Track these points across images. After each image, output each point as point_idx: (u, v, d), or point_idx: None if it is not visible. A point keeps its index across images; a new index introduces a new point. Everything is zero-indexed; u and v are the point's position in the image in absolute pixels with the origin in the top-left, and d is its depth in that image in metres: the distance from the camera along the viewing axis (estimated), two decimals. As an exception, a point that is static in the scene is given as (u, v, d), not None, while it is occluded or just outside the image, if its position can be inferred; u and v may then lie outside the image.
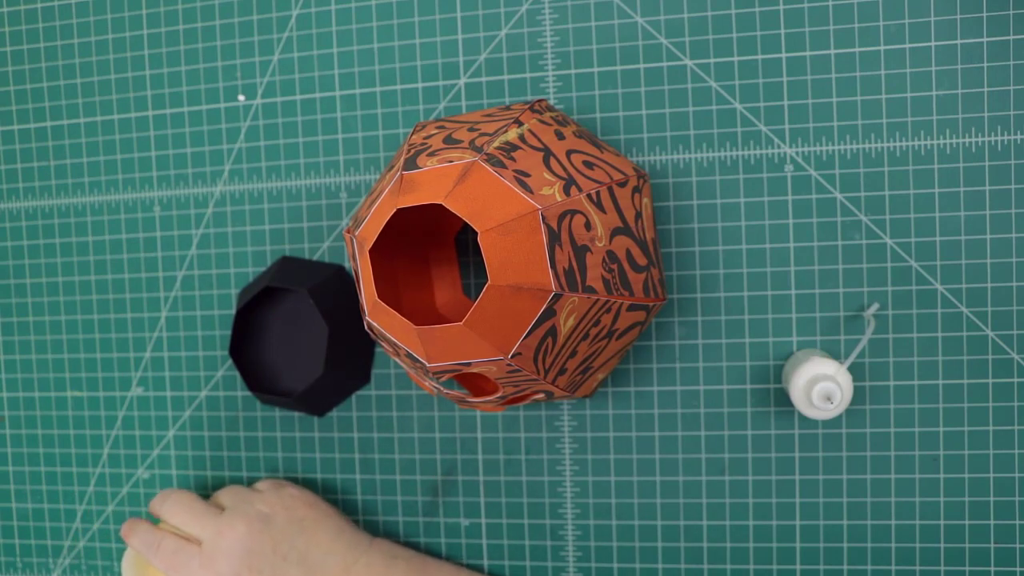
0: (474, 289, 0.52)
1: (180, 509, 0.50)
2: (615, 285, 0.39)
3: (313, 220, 0.53)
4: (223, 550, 0.48)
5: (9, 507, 0.60)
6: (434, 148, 0.40)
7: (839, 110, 0.47)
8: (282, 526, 0.49)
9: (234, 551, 0.48)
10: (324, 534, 0.50)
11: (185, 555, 0.48)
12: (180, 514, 0.50)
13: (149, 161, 0.56)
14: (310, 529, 0.50)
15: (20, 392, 0.59)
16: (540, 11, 0.50)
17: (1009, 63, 0.45)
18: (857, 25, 0.46)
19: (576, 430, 0.51)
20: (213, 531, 0.48)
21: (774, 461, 0.49)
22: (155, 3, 0.55)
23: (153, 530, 0.49)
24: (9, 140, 0.58)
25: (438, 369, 0.40)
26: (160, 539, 0.49)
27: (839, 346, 0.48)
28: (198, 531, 0.49)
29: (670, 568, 0.51)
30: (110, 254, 0.57)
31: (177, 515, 0.50)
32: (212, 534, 0.48)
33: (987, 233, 0.46)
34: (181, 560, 0.48)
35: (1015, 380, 0.46)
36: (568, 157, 0.40)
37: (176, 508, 0.50)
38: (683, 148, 0.49)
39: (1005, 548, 0.47)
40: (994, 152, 0.46)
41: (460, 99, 0.51)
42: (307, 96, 0.53)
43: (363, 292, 0.41)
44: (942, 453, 0.47)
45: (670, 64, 0.48)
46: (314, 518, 0.50)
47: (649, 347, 0.50)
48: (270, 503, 0.50)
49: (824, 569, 0.49)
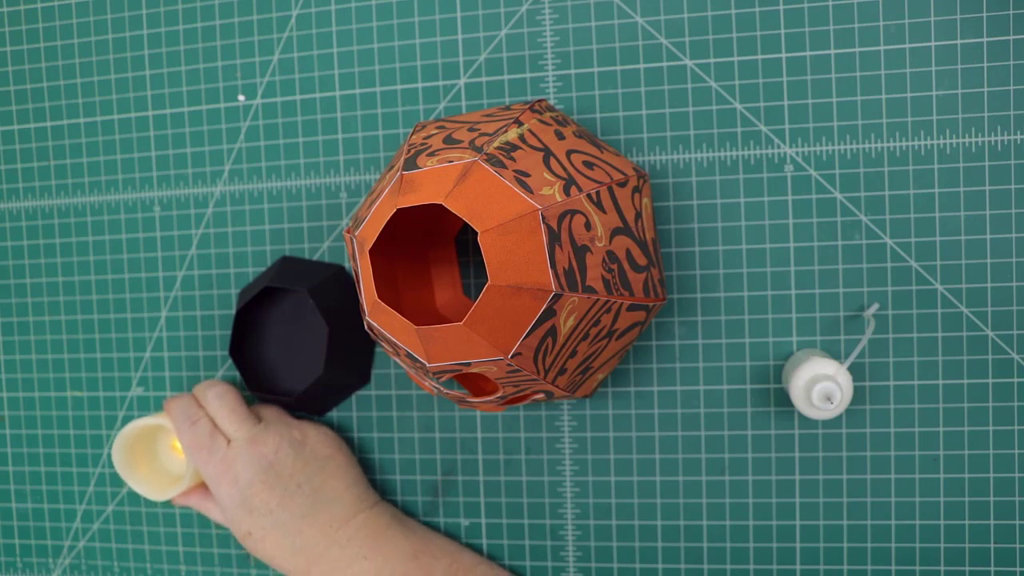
0: (474, 289, 0.52)
1: (222, 404, 0.50)
2: (615, 285, 0.39)
3: (313, 220, 0.53)
4: (247, 457, 0.48)
5: (9, 507, 0.60)
6: (434, 148, 0.40)
7: (839, 110, 0.47)
8: (307, 457, 0.50)
9: (256, 462, 0.48)
10: (340, 480, 0.50)
11: (213, 444, 0.49)
12: (220, 408, 0.50)
13: (149, 161, 0.56)
14: (330, 470, 0.50)
15: (20, 392, 0.59)
16: (540, 11, 0.50)
17: (1009, 63, 0.45)
18: (857, 25, 0.46)
19: (576, 430, 0.51)
20: (245, 436, 0.49)
21: (774, 461, 0.49)
22: (155, 3, 0.55)
23: (197, 408, 0.50)
24: (9, 140, 0.58)
25: (438, 369, 0.40)
26: (199, 418, 0.50)
27: (839, 346, 0.48)
28: (231, 430, 0.49)
29: (670, 568, 0.51)
30: (110, 254, 0.57)
31: (217, 408, 0.50)
32: (243, 438, 0.49)
33: (987, 233, 0.46)
34: (206, 446, 0.49)
35: (1015, 380, 0.46)
36: (568, 157, 0.40)
37: (218, 402, 0.50)
38: (683, 148, 0.49)
39: (1005, 548, 0.47)
40: (994, 152, 0.46)
41: (460, 99, 0.51)
42: (307, 96, 0.53)
43: (363, 292, 0.41)
44: (942, 453, 0.47)
45: (670, 64, 0.48)
46: (337, 462, 0.51)
47: (649, 347, 0.50)
48: (304, 433, 0.51)
49: (824, 569, 0.49)
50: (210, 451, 0.49)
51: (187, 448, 0.49)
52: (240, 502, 0.48)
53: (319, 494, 0.49)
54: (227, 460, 0.48)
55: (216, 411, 0.50)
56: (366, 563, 0.48)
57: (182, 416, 0.50)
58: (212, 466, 0.49)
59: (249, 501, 0.48)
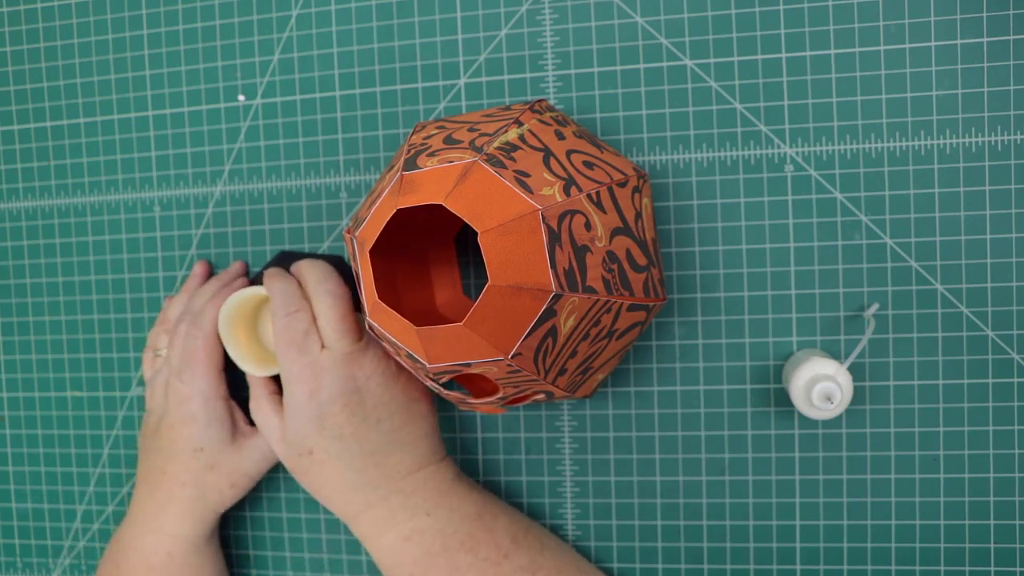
0: (474, 289, 0.52)
1: (333, 306, 0.45)
2: (615, 285, 0.39)
3: (313, 220, 0.54)
4: (338, 372, 0.44)
5: (9, 507, 0.60)
6: (434, 148, 0.40)
7: (839, 110, 0.47)
8: (395, 393, 0.46)
9: (346, 381, 0.44)
10: (418, 427, 0.47)
11: (305, 343, 0.44)
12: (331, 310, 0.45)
13: (149, 161, 0.56)
14: (412, 414, 0.47)
15: (20, 392, 0.59)
16: (540, 11, 0.50)
17: (1009, 63, 0.45)
18: (857, 25, 0.46)
19: (576, 430, 0.51)
20: (345, 349, 0.44)
21: (774, 461, 0.49)
22: (155, 3, 0.55)
23: (299, 297, 0.46)
24: (9, 140, 0.58)
25: (438, 370, 0.40)
26: (298, 309, 0.45)
27: (839, 346, 0.48)
28: (333, 338, 0.45)
29: (670, 568, 0.51)
30: (110, 254, 0.57)
31: (327, 309, 0.45)
32: (341, 351, 0.44)
33: (987, 233, 0.46)
34: (297, 343, 0.44)
35: (1015, 380, 0.46)
36: (568, 157, 0.40)
37: (330, 302, 0.45)
38: (683, 148, 0.49)
39: (1005, 548, 0.47)
40: (994, 152, 0.46)
41: (460, 99, 0.51)
42: (307, 96, 0.53)
43: (363, 293, 0.41)
44: (942, 453, 0.47)
45: (670, 64, 0.48)
46: (420, 410, 0.47)
47: (649, 347, 0.50)
48: (401, 369, 0.47)
49: (824, 569, 0.49)
50: (300, 350, 0.44)
51: (277, 337, 0.45)
52: (313, 416, 0.44)
53: (395, 435, 0.46)
54: (316, 367, 0.44)
55: (324, 312, 0.45)
56: (428, 519, 0.45)
57: (281, 302, 0.45)
58: (297, 367, 0.44)
59: (324, 419, 0.44)
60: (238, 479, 0.49)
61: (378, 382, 0.45)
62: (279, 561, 0.55)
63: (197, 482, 0.49)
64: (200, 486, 0.49)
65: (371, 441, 0.45)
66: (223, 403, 0.49)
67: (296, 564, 0.55)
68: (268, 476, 0.55)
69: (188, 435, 0.48)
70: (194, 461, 0.49)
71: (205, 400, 0.48)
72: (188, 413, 0.48)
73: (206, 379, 0.48)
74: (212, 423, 0.48)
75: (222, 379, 0.49)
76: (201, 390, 0.48)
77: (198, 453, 0.48)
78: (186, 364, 0.49)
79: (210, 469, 0.49)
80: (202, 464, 0.49)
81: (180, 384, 0.49)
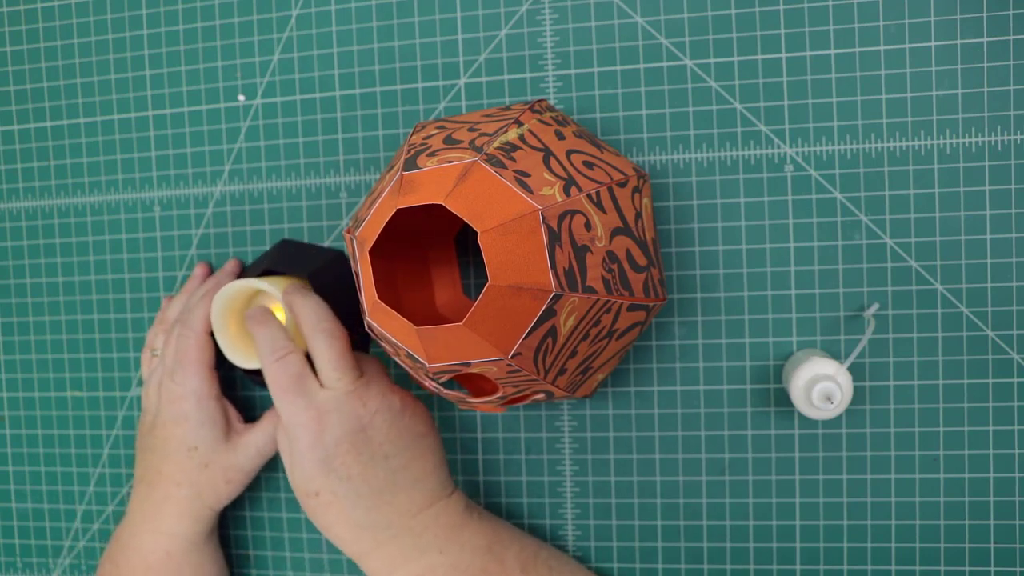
0: (474, 289, 0.52)
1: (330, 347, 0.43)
2: (615, 285, 0.39)
3: (313, 220, 0.54)
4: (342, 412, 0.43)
5: (9, 507, 0.60)
6: (434, 148, 0.40)
7: (839, 110, 0.47)
8: (401, 429, 0.45)
9: (350, 421, 0.43)
10: (427, 462, 0.46)
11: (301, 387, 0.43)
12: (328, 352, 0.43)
13: (149, 161, 0.56)
14: (420, 449, 0.45)
15: (20, 392, 0.59)
16: (540, 11, 0.50)
17: (1009, 63, 0.45)
18: (857, 25, 0.46)
19: (576, 430, 0.51)
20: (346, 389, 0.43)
21: (774, 461, 0.49)
22: (155, 3, 0.55)
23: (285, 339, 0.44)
24: (9, 140, 0.58)
25: (438, 369, 0.40)
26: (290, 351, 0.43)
27: (839, 346, 0.48)
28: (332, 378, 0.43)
29: (670, 568, 0.51)
30: (110, 254, 0.57)
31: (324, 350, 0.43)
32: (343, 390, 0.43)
33: (987, 233, 0.46)
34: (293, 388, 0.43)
35: (1015, 380, 0.46)
36: (568, 157, 0.40)
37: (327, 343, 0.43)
38: (683, 148, 0.49)
39: (1005, 548, 0.47)
40: (994, 152, 0.46)
41: (460, 99, 0.51)
42: (307, 96, 0.53)
43: (363, 292, 0.41)
44: (942, 453, 0.47)
45: (670, 64, 0.48)
46: (428, 444, 0.46)
47: (649, 347, 0.50)
48: (404, 402, 0.46)
49: (824, 569, 0.49)
50: (297, 394, 0.43)
51: (270, 383, 0.44)
52: (319, 459, 0.43)
53: (404, 472, 0.44)
54: (318, 409, 0.43)
55: (323, 352, 0.43)
56: (441, 557, 0.44)
57: (268, 348, 0.44)
58: (297, 412, 0.43)
59: (330, 460, 0.43)
60: (233, 475, 0.49)
61: (384, 417, 0.44)
62: (279, 561, 0.55)
63: (192, 481, 0.49)
64: (196, 485, 0.49)
65: (379, 479, 0.44)
66: (215, 402, 0.49)
67: (296, 564, 0.55)
68: (268, 476, 0.55)
69: (181, 435, 0.48)
70: (188, 460, 0.49)
71: (198, 400, 0.48)
72: (181, 413, 0.48)
73: (198, 378, 0.48)
74: (205, 422, 0.48)
75: (214, 378, 0.49)
76: (193, 389, 0.48)
77: (192, 452, 0.48)
78: (178, 364, 0.49)
79: (204, 467, 0.49)
80: (196, 463, 0.49)
81: (173, 384, 0.49)
